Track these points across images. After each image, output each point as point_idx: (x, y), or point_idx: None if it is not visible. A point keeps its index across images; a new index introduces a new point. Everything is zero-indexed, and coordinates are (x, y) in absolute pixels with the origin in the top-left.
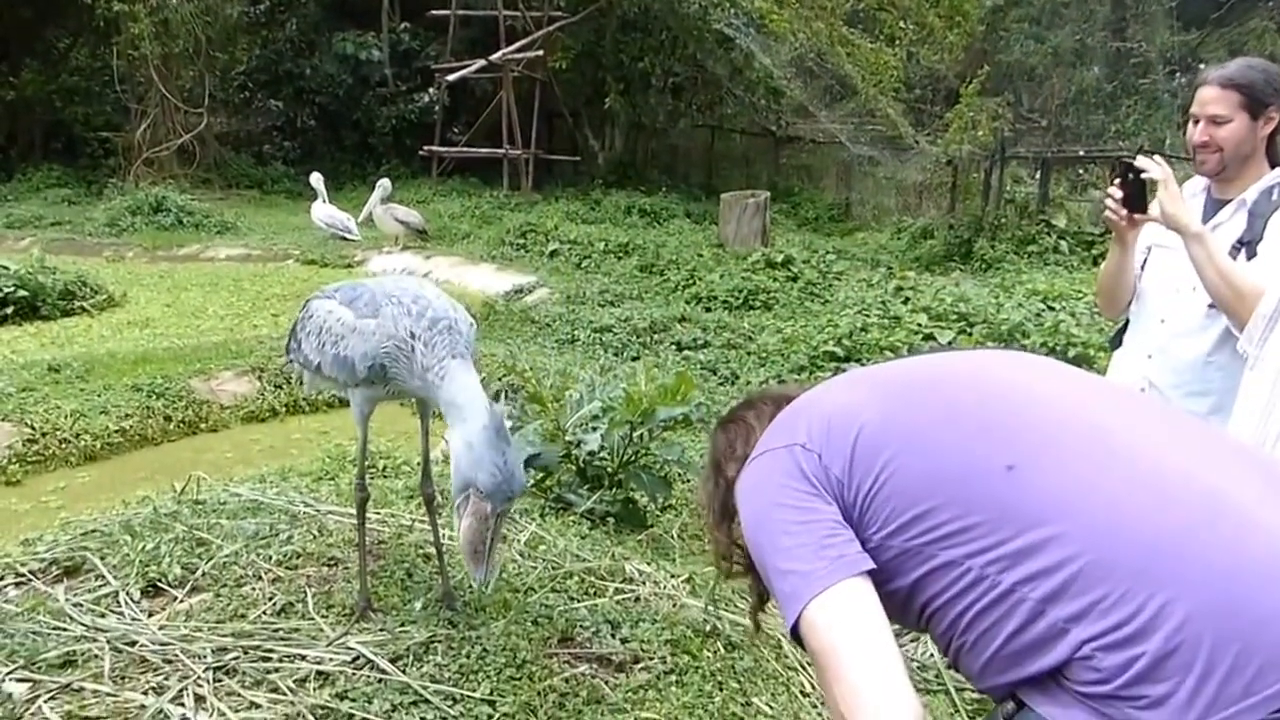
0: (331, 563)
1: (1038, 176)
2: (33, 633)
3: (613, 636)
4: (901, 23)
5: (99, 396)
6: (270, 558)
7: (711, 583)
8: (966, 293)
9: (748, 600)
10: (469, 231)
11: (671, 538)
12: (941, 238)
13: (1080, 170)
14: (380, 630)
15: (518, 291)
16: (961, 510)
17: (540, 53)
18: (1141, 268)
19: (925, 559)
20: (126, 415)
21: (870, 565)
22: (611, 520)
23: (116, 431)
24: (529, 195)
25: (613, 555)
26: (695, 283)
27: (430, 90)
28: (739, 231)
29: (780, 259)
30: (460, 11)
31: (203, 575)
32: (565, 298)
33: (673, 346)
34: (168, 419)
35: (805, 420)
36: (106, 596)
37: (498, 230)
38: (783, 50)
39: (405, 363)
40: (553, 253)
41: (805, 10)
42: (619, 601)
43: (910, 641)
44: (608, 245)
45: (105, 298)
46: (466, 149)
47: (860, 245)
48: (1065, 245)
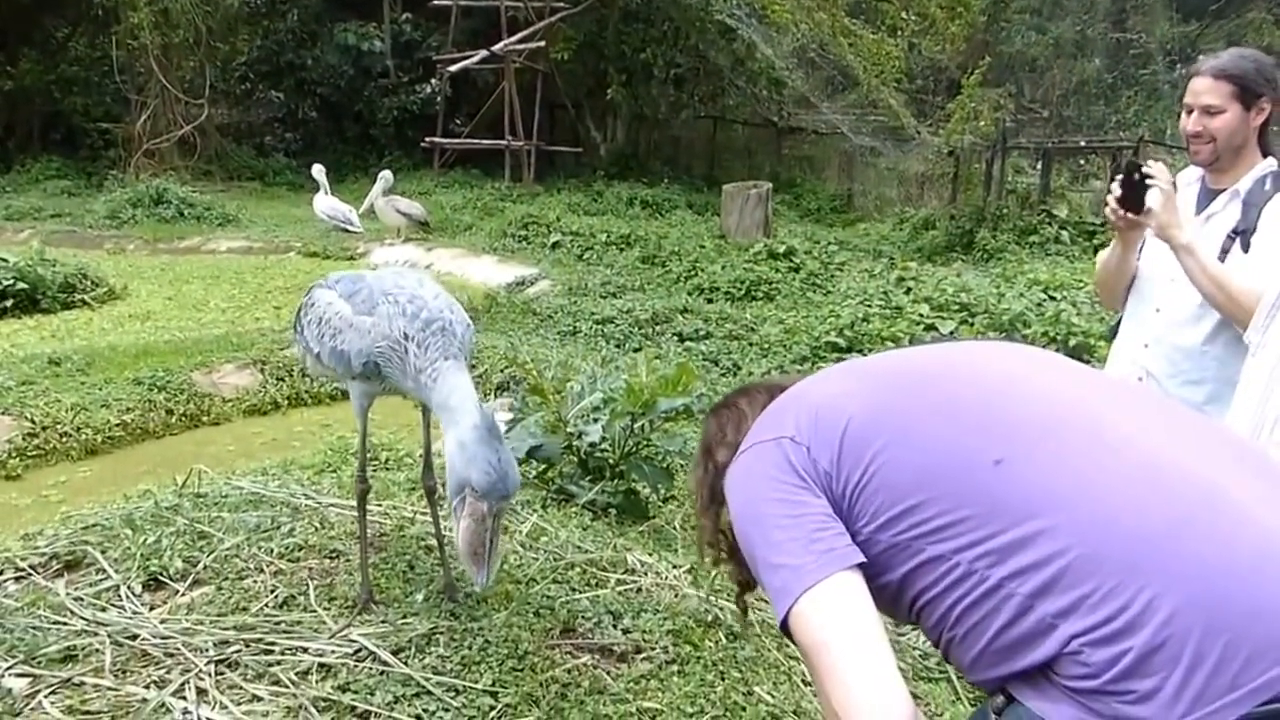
0: (333, 555)
1: (1039, 167)
2: (33, 627)
3: (614, 627)
4: (903, 13)
5: (100, 390)
6: (272, 550)
7: (713, 573)
8: (968, 283)
9: (734, 584)
10: (471, 223)
11: (673, 529)
12: (943, 228)
13: (1081, 160)
14: (382, 622)
15: (520, 284)
16: (951, 504)
17: (542, 43)
18: (1137, 258)
19: (914, 553)
20: (128, 409)
21: (860, 559)
22: (613, 511)
23: (117, 425)
24: (531, 187)
25: (614, 546)
26: (697, 274)
27: (432, 81)
28: (741, 223)
29: (782, 250)
30: (462, 2)
31: (204, 568)
32: (567, 289)
33: (675, 338)
34: (169, 412)
35: (794, 412)
36: (107, 590)
37: (500, 222)
38: (785, 41)
39: (399, 363)
40: (555, 244)
41: (807, 1)
42: (621, 592)
43: (913, 630)
44: (610, 237)
45: (106, 290)
46: (468, 140)
47: (862, 236)
48: (1066, 235)
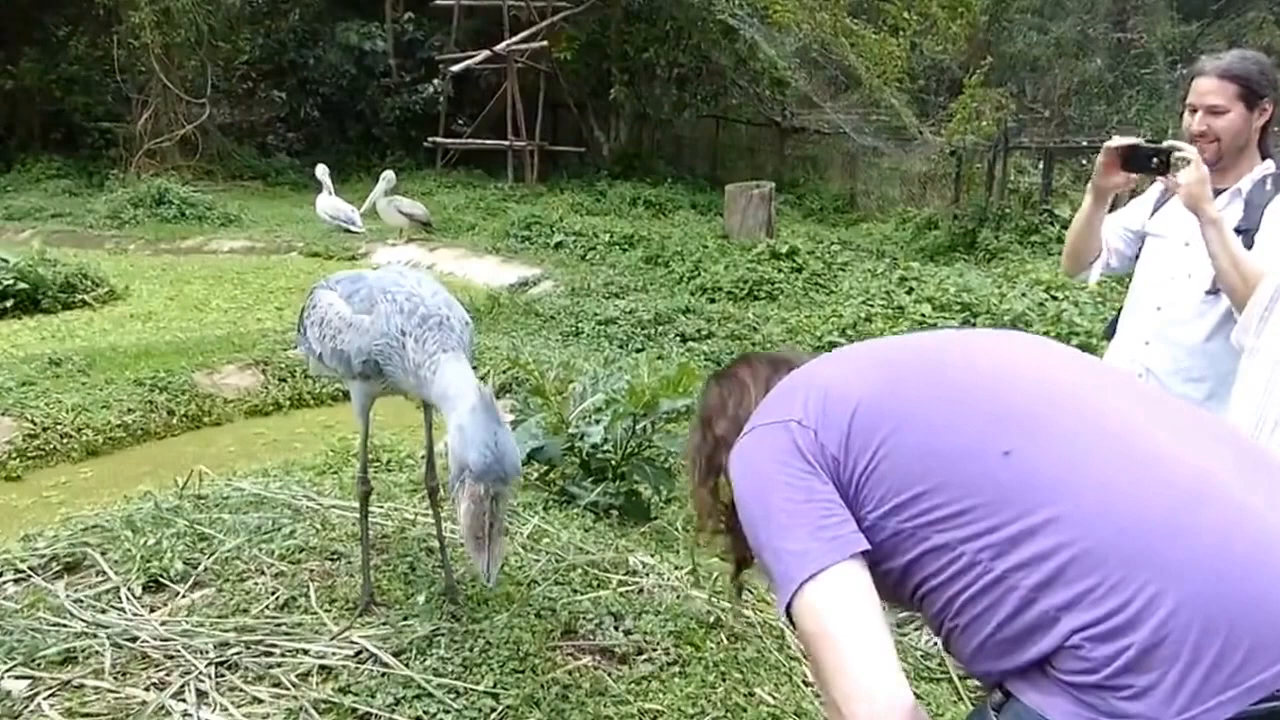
0: (334, 557)
1: (1041, 167)
2: (32, 629)
3: (616, 628)
4: (905, 14)
5: (101, 391)
6: (273, 552)
7: (715, 574)
8: (970, 283)
9: (729, 560)
10: (474, 223)
11: (675, 530)
12: (945, 228)
13: (1083, 160)
14: (383, 624)
15: (522, 284)
16: (957, 493)
17: (545, 43)
18: (1136, 257)
19: (919, 541)
20: (129, 410)
21: (865, 546)
22: (615, 513)
23: (118, 426)
24: (534, 187)
25: (616, 547)
26: (700, 274)
27: (435, 81)
28: (744, 222)
29: (785, 250)
30: (464, 2)
31: (205, 570)
32: (570, 290)
33: (677, 338)
34: (170, 413)
35: (802, 395)
36: (107, 592)
37: (502, 222)
38: (787, 41)
39: (398, 360)
40: (558, 245)
41: (809, 1)
42: (622, 593)
43: (914, 630)
44: (613, 237)
45: (107, 291)
46: (471, 140)
47: (865, 236)
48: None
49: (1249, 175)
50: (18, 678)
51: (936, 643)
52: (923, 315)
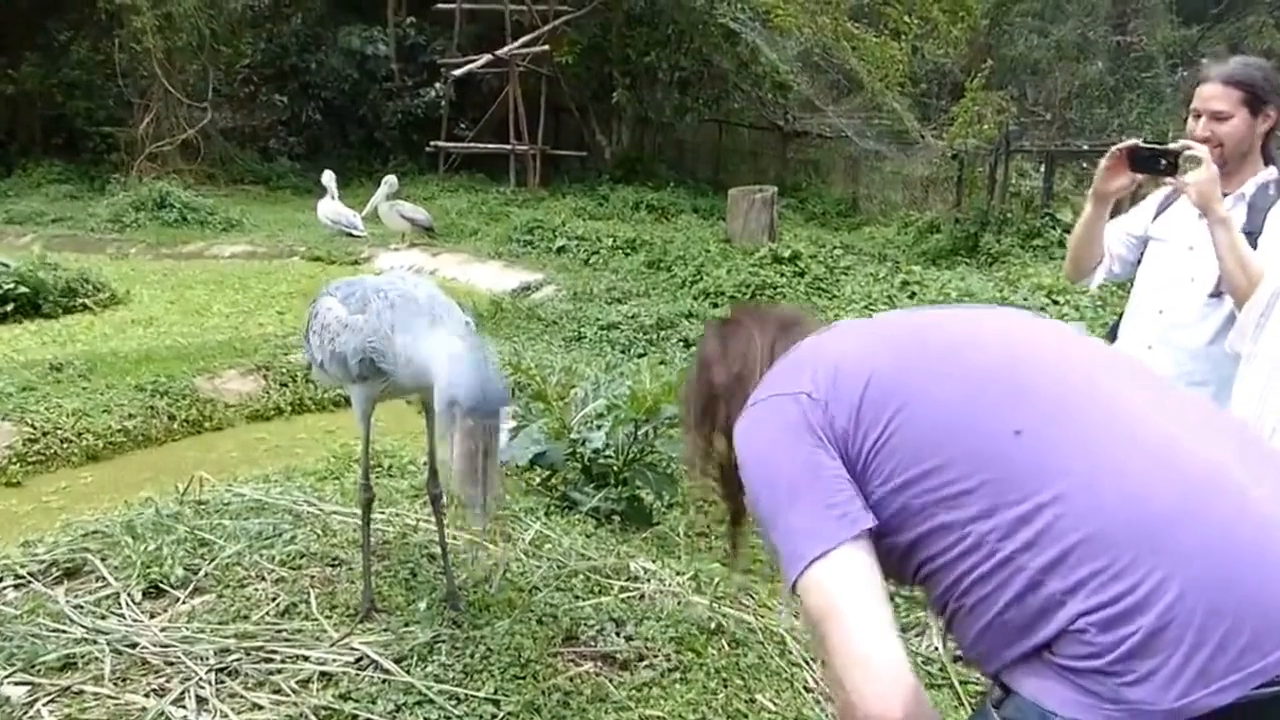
0: (335, 563)
1: (1042, 170)
2: (32, 635)
3: (617, 635)
4: (906, 17)
5: (101, 395)
6: (274, 558)
7: (716, 580)
8: (972, 286)
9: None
10: (476, 228)
11: (677, 535)
12: (948, 232)
13: (1084, 164)
14: (384, 630)
15: (525, 289)
16: (967, 471)
17: (546, 47)
18: (1138, 262)
19: (926, 518)
20: (129, 415)
21: (873, 523)
22: (617, 518)
23: (119, 431)
24: (536, 191)
25: (618, 553)
26: (703, 278)
27: (437, 85)
28: (746, 227)
29: (787, 254)
30: (466, 6)
31: (205, 576)
32: (572, 295)
33: (680, 343)
34: (171, 418)
35: (811, 367)
36: (107, 598)
37: (505, 227)
38: (789, 45)
39: (391, 356)
40: (560, 249)
41: (811, 5)
42: (624, 599)
43: (915, 636)
44: (615, 241)
45: (108, 295)
46: (473, 144)
47: (867, 240)
48: (1070, 239)
49: (1253, 180)
50: (17, 684)
51: (937, 647)
52: None
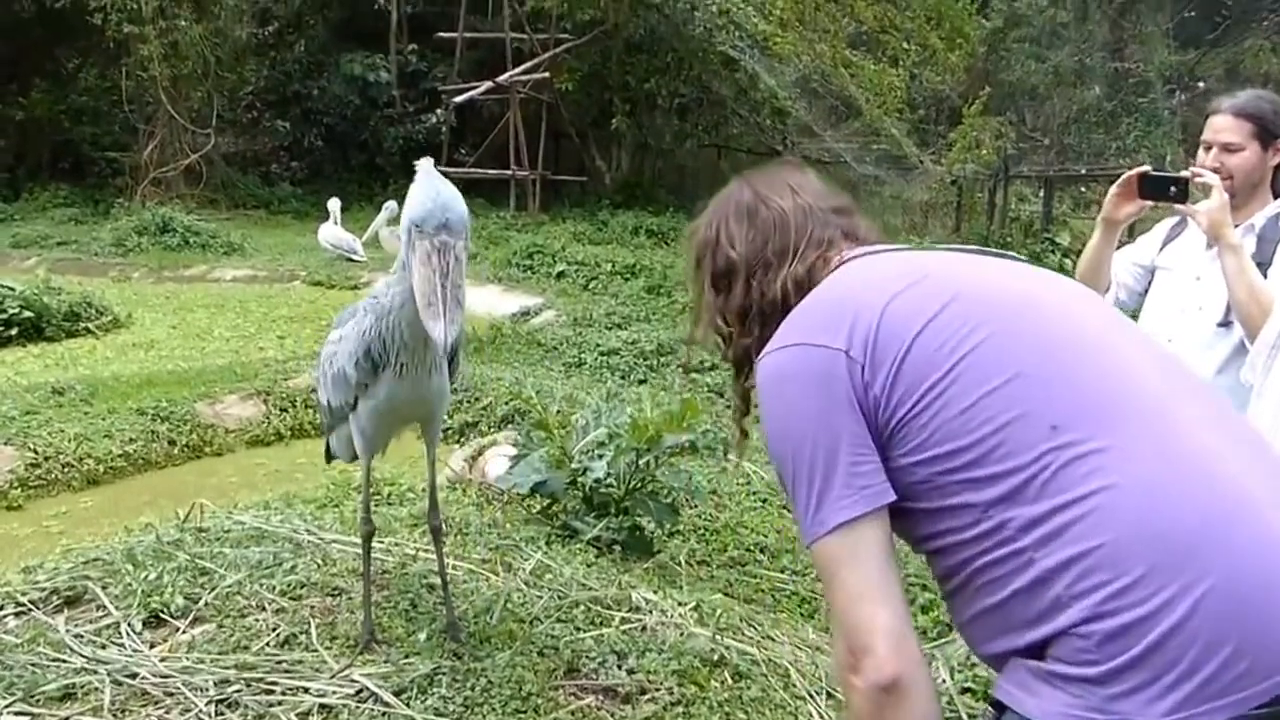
0: (335, 593)
1: (1041, 195)
2: (32, 664)
3: (619, 667)
4: (904, 44)
5: (103, 420)
6: (274, 588)
7: (719, 611)
8: None
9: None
10: (476, 252)
11: (678, 565)
12: None
13: (1083, 188)
14: (384, 662)
15: (524, 314)
16: (998, 456)
17: (547, 74)
18: (1145, 292)
19: (948, 495)
20: (130, 439)
21: (892, 498)
22: (618, 548)
23: (120, 455)
24: (536, 216)
25: (619, 584)
26: None
27: (437, 111)
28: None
29: None
30: (467, 34)
31: (205, 605)
32: (572, 320)
33: (679, 369)
34: (172, 443)
35: (850, 319)
36: (108, 627)
37: (505, 251)
38: (787, 71)
39: (378, 343)
40: (560, 274)
41: (809, 33)
42: (625, 631)
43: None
44: (615, 266)
45: (110, 319)
46: (473, 170)
47: None
48: (1069, 263)
49: (1262, 212)
50: (17, 714)
51: (945, 679)
52: None
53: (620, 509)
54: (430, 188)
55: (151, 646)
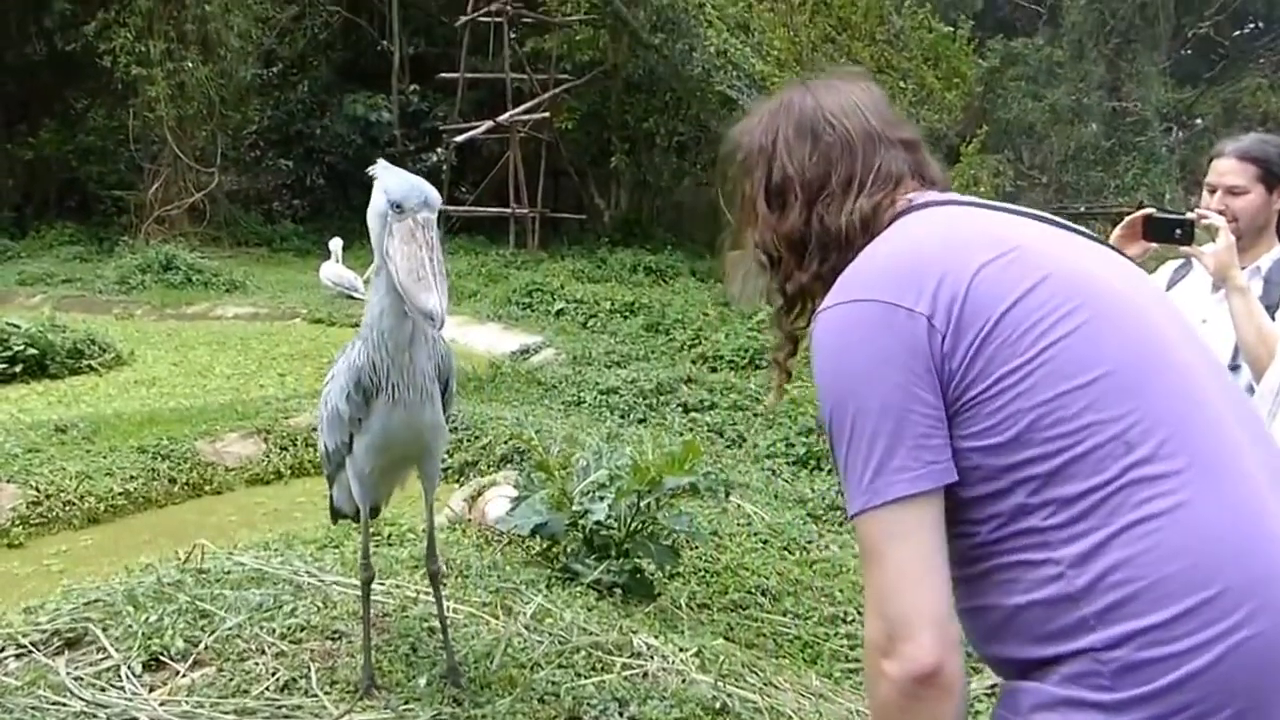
0: (335, 636)
1: None
2: (33, 708)
3: (620, 715)
4: (901, 84)
5: (104, 458)
6: (274, 630)
7: (720, 658)
8: None
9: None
10: (475, 290)
11: (679, 608)
12: None
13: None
14: (384, 708)
15: (524, 352)
16: (1064, 461)
17: (547, 114)
18: None
19: (997, 485)
20: (131, 477)
21: (954, 478)
22: (619, 590)
23: (121, 494)
24: (535, 253)
25: (620, 628)
26: (701, 342)
27: (438, 150)
28: (744, 289)
29: None
30: (468, 74)
31: (205, 648)
32: (571, 358)
33: (679, 408)
34: (172, 481)
35: (935, 282)
36: (108, 670)
37: (504, 289)
38: None
39: (368, 369)
40: (559, 312)
41: (806, 73)
42: (626, 678)
43: None
44: (614, 304)
45: (113, 356)
46: (474, 208)
47: None
48: None
49: (1268, 255)
50: None
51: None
52: None
53: (621, 551)
54: (400, 174)
55: (151, 690)
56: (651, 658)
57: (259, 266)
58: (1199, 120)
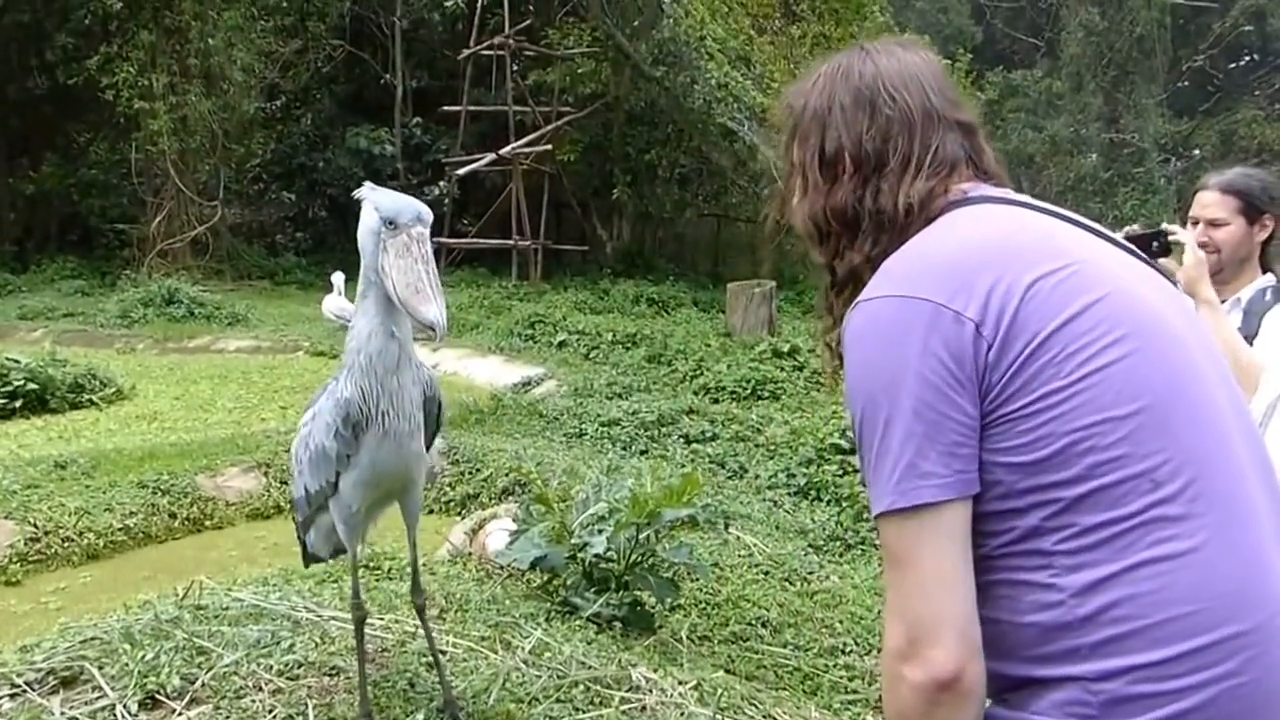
0: (333, 672)
1: None
2: None
3: None
4: None
5: (104, 493)
6: (271, 667)
7: (719, 690)
8: None
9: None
10: (478, 322)
11: (679, 641)
12: None
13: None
14: None
15: (525, 384)
16: (1086, 490)
17: (549, 146)
18: None
19: (1015, 503)
20: (131, 513)
21: (978, 489)
22: (618, 624)
23: (120, 530)
24: (538, 285)
25: (619, 662)
26: (703, 373)
27: (441, 183)
28: (746, 321)
29: (786, 348)
30: (471, 107)
31: (202, 686)
32: (573, 390)
33: (681, 440)
34: (172, 516)
35: (988, 288)
36: (104, 709)
37: (506, 321)
38: None
39: (362, 372)
40: (561, 343)
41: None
42: (625, 712)
43: None
44: (615, 336)
45: (114, 390)
46: (476, 240)
47: None
48: None
49: (1250, 285)
50: None
51: None
52: None
53: (621, 584)
54: (390, 193)
55: None
56: (650, 691)
57: (261, 299)
58: (1196, 151)
